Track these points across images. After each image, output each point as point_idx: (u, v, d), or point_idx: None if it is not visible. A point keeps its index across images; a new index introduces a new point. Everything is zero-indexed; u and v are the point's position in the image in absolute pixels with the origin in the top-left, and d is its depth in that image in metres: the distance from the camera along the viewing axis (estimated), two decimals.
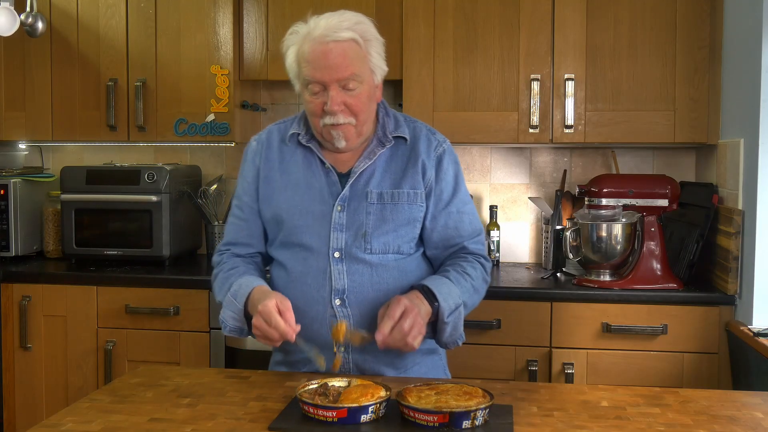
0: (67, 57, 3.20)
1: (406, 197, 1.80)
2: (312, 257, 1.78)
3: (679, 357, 2.59)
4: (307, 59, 1.72)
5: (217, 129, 3.10)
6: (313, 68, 1.71)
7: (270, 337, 1.65)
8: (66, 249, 3.15)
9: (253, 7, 3.11)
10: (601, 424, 1.43)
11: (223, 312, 1.77)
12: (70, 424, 1.43)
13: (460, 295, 1.74)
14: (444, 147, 1.87)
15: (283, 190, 1.82)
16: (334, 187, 1.79)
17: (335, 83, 1.71)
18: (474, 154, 3.32)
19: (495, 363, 2.67)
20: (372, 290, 1.77)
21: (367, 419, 1.41)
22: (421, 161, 1.82)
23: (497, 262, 3.20)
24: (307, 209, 1.79)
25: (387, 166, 1.82)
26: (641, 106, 2.84)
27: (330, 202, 1.78)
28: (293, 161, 1.84)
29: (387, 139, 1.82)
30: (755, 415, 1.49)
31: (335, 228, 1.77)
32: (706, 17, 2.78)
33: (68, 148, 3.61)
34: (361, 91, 1.74)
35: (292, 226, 1.80)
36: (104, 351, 2.89)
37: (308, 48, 1.72)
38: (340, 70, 1.70)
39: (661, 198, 2.70)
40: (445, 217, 1.84)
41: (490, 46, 2.91)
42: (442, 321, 1.71)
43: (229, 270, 1.83)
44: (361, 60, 1.74)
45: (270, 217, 1.84)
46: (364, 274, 1.77)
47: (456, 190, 1.86)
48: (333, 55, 1.70)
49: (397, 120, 1.87)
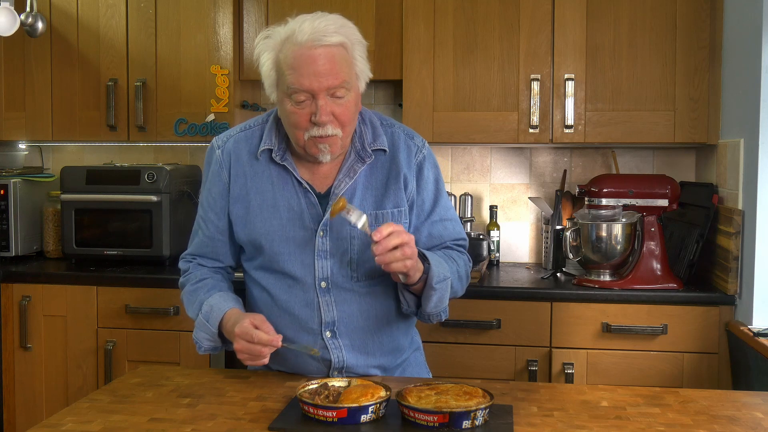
0: (67, 57, 3.20)
1: (390, 217, 1.72)
2: (297, 286, 1.71)
3: (679, 357, 2.59)
4: (292, 66, 1.59)
5: (217, 129, 3.10)
6: (300, 75, 1.58)
7: (256, 353, 1.58)
8: (66, 249, 3.15)
9: (253, 7, 3.11)
10: (601, 424, 1.43)
11: (196, 332, 1.72)
12: (70, 424, 1.43)
13: (448, 270, 1.69)
14: (423, 153, 1.78)
15: (259, 212, 1.72)
16: (314, 209, 1.70)
17: (324, 92, 1.59)
18: (474, 154, 3.32)
19: (495, 363, 2.67)
20: (362, 318, 1.73)
21: (367, 419, 1.41)
22: (402, 175, 1.73)
23: (497, 262, 3.20)
24: (287, 235, 1.70)
25: (368, 182, 1.73)
26: (641, 106, 2.84)
27: (311, 227, 1.69)
28: (266, 178, 1.73)
29: (366, 153, 1.72)
30: (755, 415, 1.49)
31: (319, 255, 1.69)
32: (706, 17, 2.78)
33: (68, 148, 3.61)
34: (349, 99, 1.63)
35: (273, 252, 1.71)
36: (104, 351, 2.89)
37: (292, 53, 1.59)
38: (330, 78, 1.58)
39: (661, 198, 2.70)
40: (429, 228, 1.79)
41: (490, 46, 2.91)
42: (431, 286, 1.63)
43: (197, 283, 1.77)
44: (348, 65, 1.63)
45: (246, 240, 1.75)
46: (353, 304, 1.71)
47: (437, 198, 1.80)
48: (322, 61, 1.58)
49: (374, 127, 1.76)
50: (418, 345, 1.93)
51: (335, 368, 1.73)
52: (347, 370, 1.73)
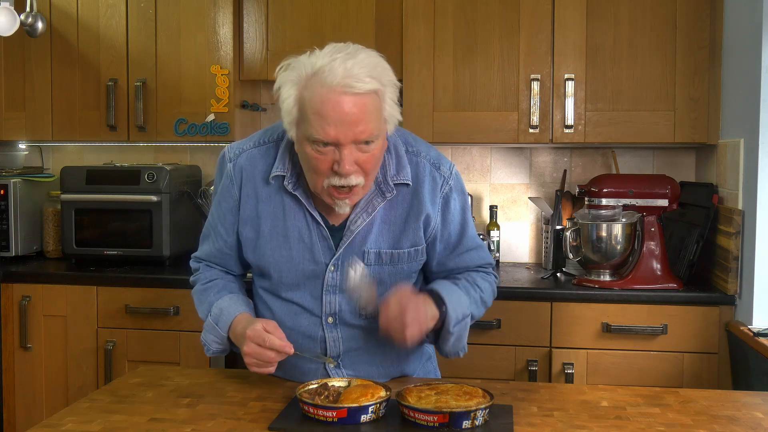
0: (67, 57, 3.20)
1: (407, 257, 1.66)
2: (303, 317, 1.67)
3: (679, 357, 2.59)
4: (318, 111, 1.45)
5: (217, 129, 3.10)
6: (326, 124, 1.45)
7: (266, 359, 1.52)
8: (66, 249, 3.15)
9: (253, 7, 3.11)
10: (601, 424, 1.43)
11: (205, 335, 1.68)
12: (70, 424, 1.43)
13: (468, 306, 1.66)
14: (450, 185, 1.68)
15: (269, 240, 1.65)
16: (326, 242, 1.63)
17: (351, 142, 1.47)
18: (474, 154, 3.32)
19: (495, 363, 2.67)
20: (368, 353, 1.70)
21: (367, 419, 1.41)
22: (424, 214, 1.65)
23: (497, 262, 3.20)
24: (297, 268, 1.64)
25: (386, 217, 1.64)
26: (641, 106, 2.84)
27: (322, 261, 1.63)
28: (277, 203, 1.64)
29: (388, 188, 1.62)
30: (755, 415, 1.49)
31: (328, 290, 1.64)
32: (706, 17, 2.78)
33: (68, 148, 3.61)
34: (375, 148, 1.51)
35: (280, 282, 1.67)
36: (104, 351, 2.89)
37: (318, 96, 1.45)
38: (358, 130, 1.46)
39: (661, 198, 2.70)
40: (455, 260, 1.74)
41: (490, 46, 2.90)
42: (447, 330, 1.61)
43: (207, 283, 1.74)
44: (378, 113, 1.50)
45: (255, 264, 1.70)
46: (360, 340, 1.68)
47: (464, 230, 1.72)
48: (352, 111, 1.44)
49: (399, 156, 1.65)
50: (429, 355, 1.88)
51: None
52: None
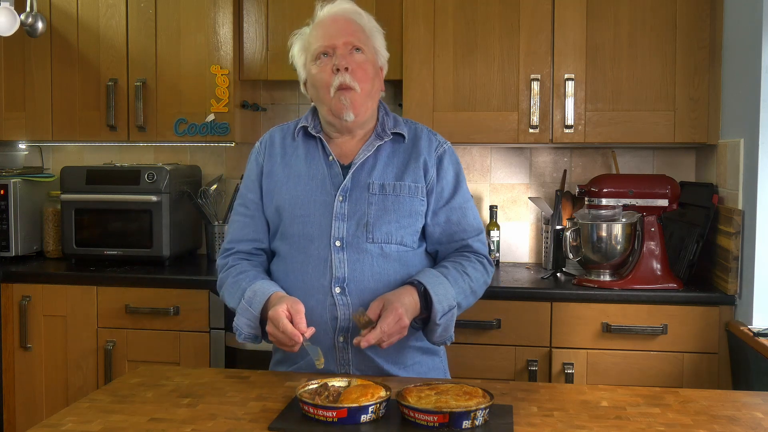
0: (67, 57, 3.20)
1: (408, 190, 1.82)
2: (312, 246, 1.78)
3: (679, 357, 2.59)
4: (316, 35, 1.81)
5: (217, 129, 3.10)
6: (322, 36, 1.80)
7: (281, 341, 1.65)
8: (66, 249, 3.15)
9: (253, 7, 3.11)
10: (601, 424, 1.43)
11: (237, 319, 1.75)
12: (70, 424, 1.43)
13: (455, 296, 1.75)
14: (445, 147, 1.90)
15: (285, 183, 1.84)
16: (337, 178, 1.81)
17: (343, 46, 1.78)
18: (474, 154, 3.32)
19: (495, 363, 2.67)
20: (372, 280, 1.77)
21: (367, 419, 1.41)
22: (423, 159, 1.85)
23: (497, 262, 3.20)
24: (308, 199, 1.81)
25: (389, 161, 1.85)
26: (641, 106, 2.84)
27: (332, 192, 1.80)
28: (296, 155, 1.87)
29: (386, 134, 1.86)
30: (755, 415, 1.49)
31: (337, 217, 1.78)
32: (706, 17, 2.78)
33: (68, 148, 3.61)
34: (366, 60, 1.81)
35: (293, 216, 1.81)
36: (104, 351, 2.89)
37: (314, 27, 1.83)
38: (348, 34, 1.79)
39: (661, 198, 2.70)
40: (447, 213, 1.86)
41: (490, 46, 2.90)
42: (434, 322, 1.72)
43: (239, 275, 1.81)
44: (365, 35, 1.83)
45: (273, 209, 1.85)
46: (365, 264, 1.77)
47: (457, 188, 1.88)
48: (342, 22, 1.80)
49: (397, 120, 1.91)
50: (436, 350, 1.90)
51: (341, 329, 1.74)
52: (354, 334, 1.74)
